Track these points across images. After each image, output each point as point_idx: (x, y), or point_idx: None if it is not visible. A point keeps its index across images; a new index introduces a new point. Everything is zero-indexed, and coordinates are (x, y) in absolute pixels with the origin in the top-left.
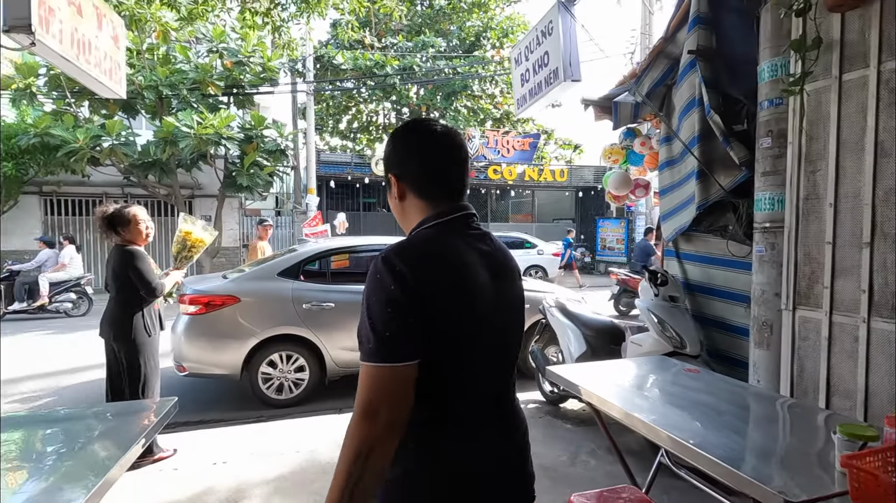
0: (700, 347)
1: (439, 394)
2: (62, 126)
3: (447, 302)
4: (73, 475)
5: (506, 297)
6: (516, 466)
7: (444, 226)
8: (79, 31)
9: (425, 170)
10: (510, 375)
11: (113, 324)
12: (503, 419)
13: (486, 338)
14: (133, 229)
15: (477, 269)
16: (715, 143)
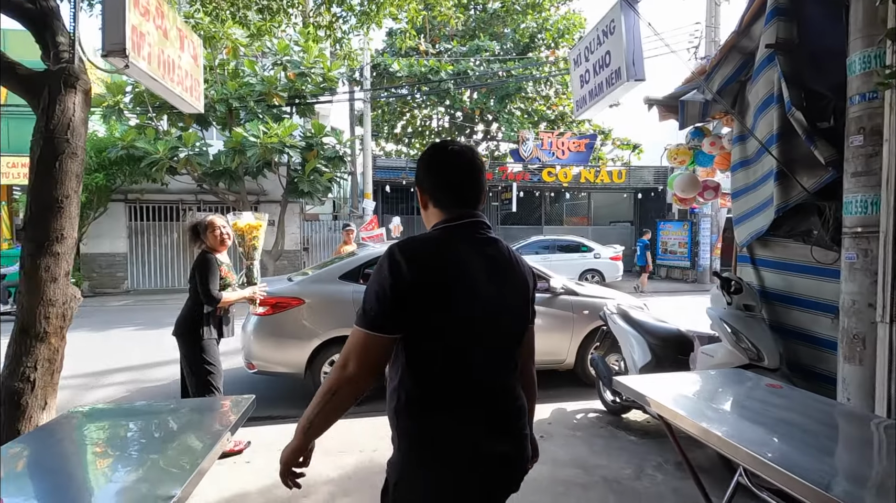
0: (779, 360)
1: (432, 375)
2: (145, 139)
3: (436, 293)
4: (169, 466)
5: (503, 297)
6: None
7: (450, 230)
8: (164, 53)
9: (440, 183)
10: (506, 366)
11: (178, 323)
12: (495, 402)
13: (478, 329)
14: (210, 236)
15: (474, 269)
16: (796, 141)
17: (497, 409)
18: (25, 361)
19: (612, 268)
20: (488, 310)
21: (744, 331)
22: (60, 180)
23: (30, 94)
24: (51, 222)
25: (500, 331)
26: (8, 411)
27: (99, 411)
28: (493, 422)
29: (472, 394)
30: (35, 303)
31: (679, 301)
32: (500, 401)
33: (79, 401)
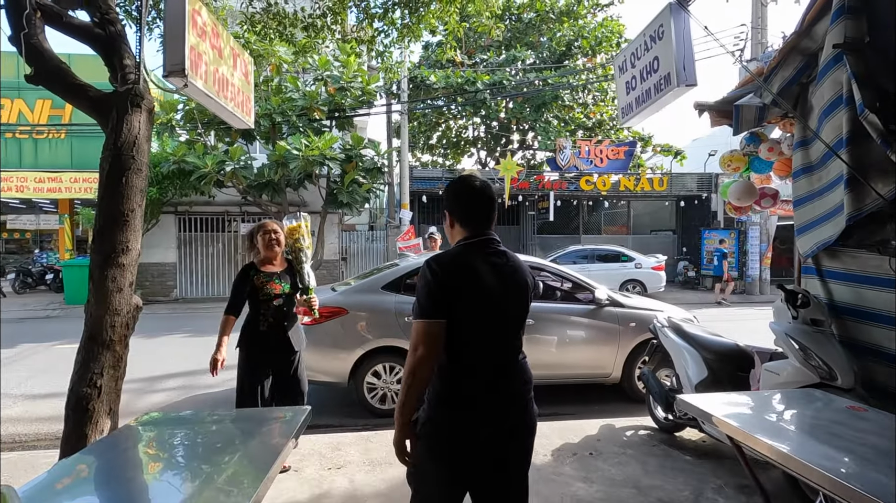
0: (854, 379)
1: (457, 351)
2: (194, 154)
3: (461, 290)
4: (237, 475)
5: (506, 292)
6: (507, 398)
7: (469, 246)
8: (219, 71)
9: (464, 210)
10: (511, 346)
11: None
12: (499, 370)
13: (489, 317)
14: (259, 240)
15: (486, 273)
16: (870, 146)
17: (500, 376)
18: (93, 367)
19: (654, 279)
20: (494, 302)
21: (813, 347)
22: (126, 195)
23: (99, 114)
24: (117, 235)
25: (505, 315)
26: (76, 415)
27: (162, 420)
28: (496, 384)
29: (482, 364)
30: (102, 312)
31: (729, 313)
32: (510, 377)
33: (134, 405)
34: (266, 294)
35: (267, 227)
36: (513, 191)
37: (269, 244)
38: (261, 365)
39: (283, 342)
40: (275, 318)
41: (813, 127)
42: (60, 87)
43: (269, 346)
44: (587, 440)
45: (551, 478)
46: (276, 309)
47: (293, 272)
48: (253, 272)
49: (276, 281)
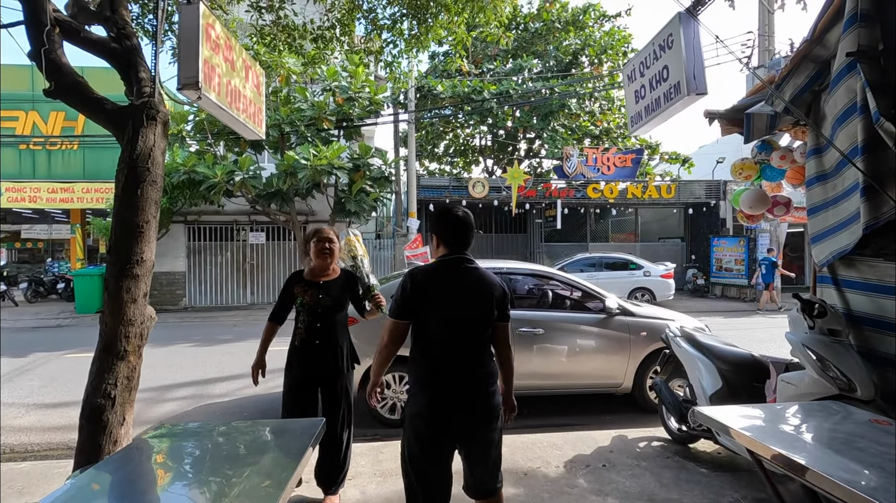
0: (874, 390)
1: (424, 344)
2: (204, 164)
3: (429, 298)
4: (255, 489)
5: (470, 300)
6: (471, 385)
7: (444, 262)
8: (231, 83)
9: (447, 234)
10: (473, 342)
11: None
12: (462, 362)
13: (452, 319)
14: (312, 246)
15: (453, 284)
16: (886, 154)
17: (466, 369)
18: (107, 378)
19: (663, 287)
20: (457, 309)
21: (831, 358)
22: (142, 206)
23: (115, 127)
24: (132, 246)
25: (465, 322)
26: (90, 426)
27: (175, 432)
28: (462, 374)
29: (442, 358)
30: (116, 322)
31: (740, 321)
32: (472, 366)
33: (145, 415)
34: (301, 304)
35: (322, 234)
36: (520, 199)
37: (321, 252)
38: (300, 384)
39: (320, 359)
40: (307, 333)
41: (826, 135)
42: (78, 101)
43: (305, 363)
44: (600, 451)
45: (565, 491)
46: (310, 323)
47: (346, 286)
48: (295, 280)
49: (317, 292)
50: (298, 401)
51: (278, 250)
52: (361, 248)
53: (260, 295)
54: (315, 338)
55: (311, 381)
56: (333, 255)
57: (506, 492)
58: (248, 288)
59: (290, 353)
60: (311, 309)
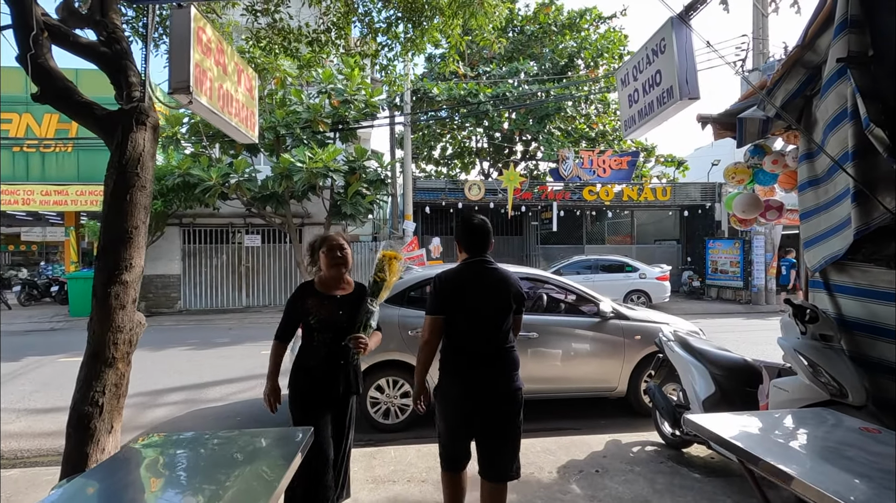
0: (865, 396)
1: (454, 335)
2: (199, 166)
3: (455, 296)
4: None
5: (491, 297)
6: (495, 374)
7: (467, 264)
8: (223, 87)
9: (468, 240)
10: (495, 334)
11: None
12: (487, 355)
13: (476, 314)
14: (321, 255)
15: (475, 284)
16: (876, 159)
17: (490, 359)
18: (95, 386)
19: (658, 289)
20: (480, 303)
21: (822, 363)
22: (130, 212)
23: (104, 132)
24: (121, 252)
25: (490, 313)
26: (77, 434)
27: (163, 441)
28: (487, 363)
29: (474, 353)
30: (105, 329)
31: (735, 324)
32: (495, 357)
33: (137, 420)
34: (317, 321)
35: (332, 242)
36: (516, 201)
37: (334, 262)
38: (313, 409)
39: (342, 380)
40: (327, 352)
41: (818, 140)
42: (66, 106)
43: (325, 386)
44: (593, 456)
45: (557, 497)
46: (331, 340)
47: (359, 300)
48: (308, 293)
49: (334, 307)
50: (319, 429)
51: (274, 253)
52: (394, 273)
53: (255, 298)
54: (339, 358)
55: (327, 405)
56: (347, 263)
57: None
58: (243, 291)
59: (300, 376)
60: (329, 325)
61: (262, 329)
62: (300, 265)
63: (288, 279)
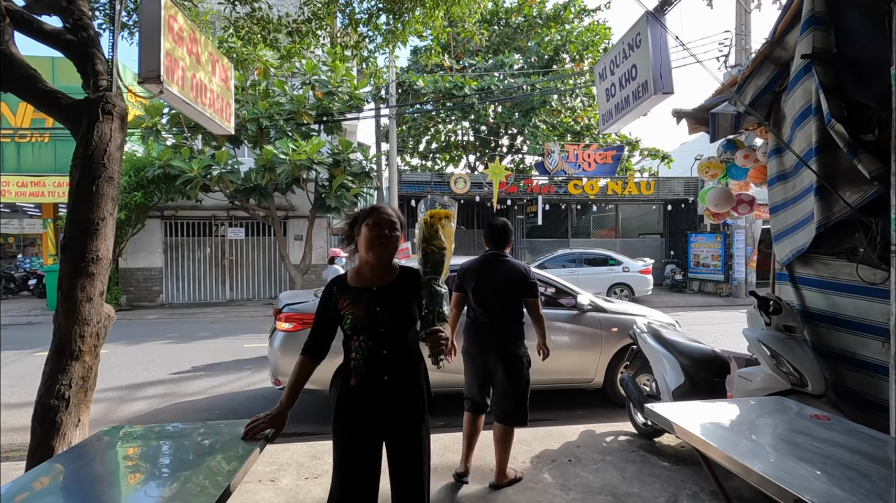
0: (825, 385)
1: (471, 312)
2: (181, 158)
3: (472, 279)
4: (198, 485)
5: (502, 284)
6: (501, 340)
7: (485, 256)
8: (196, 77)
9: (488, 237)
10: (504, 310)
11: None
12: (495, 325)
13: (488, 293)
14: (360, 236)
15: (489, 271)
16: (838, 155)
17: (494, 329)
18: (61, 379)
19: (641, 282)
20: (491, 285)
21: (784, 354)
22: (97, 203)
23: (70, 122)
24: (87, 244)
25: (496, 298)
26: (43, 428)
27: (129, 433)
28: (491, 332)
29: (482, 323)
30: (71, 322)
31: (713, 316)
32: (498, 327)
33: (114, 414)
34: (352, 325)
35: (382, 215)
36: (501, 195)
37: (378, 240)
38: (362, 443)
39: (391, 403)
40: (369, 366)
41: (786, 135)
42: (30, 95)
43: (369, 411)
44: (567, 446)
45: (529, 486)
46: (372, 350)
47: (412, 291)
48: (339, 288)
49: (371, 303)
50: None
51: (258, 246)
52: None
53: (239, 291)
54: (382, 372)
55: (376, 437)
56: (392, 249)
57: (470, 490)
58: (227, 284)
59: (341, 400)
60: (368, 329)
61: (245, 323)
62: (285, 258)
63: (272, 272)
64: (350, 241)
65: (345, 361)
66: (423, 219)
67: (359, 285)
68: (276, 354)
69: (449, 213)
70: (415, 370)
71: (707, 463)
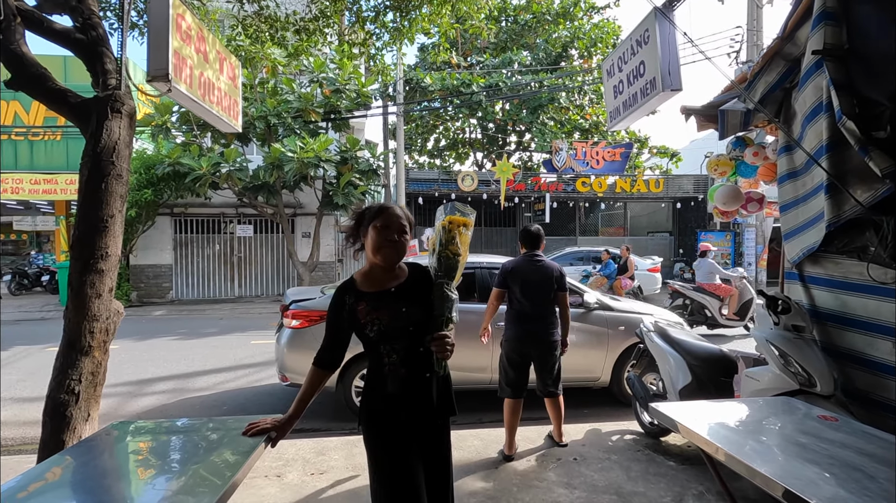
0: (834, 386)
1: (512, 304)
2: (190, 155)
3: (513, 277)
4: (203, 479)
5: (537, 278)
6: (538, 328)
7: (523, 257)
8: (204, 75)
9: (524, 239)
10: (541, 304)
11: None
12: (533, 315)
13: (526, 289)
14: (367, 238)
15: (527, 270)
16: (849, 152)
17: (536, 319)
18: (71, 374)
19: (650, 281)
20: (531, 285)
21: (793, 353)
22: (106, 201)
23: (79, 120)
24: (96, 241)
25: (537, 293)
26: (53, 422)
27: (138, 428)
28: (533, 321)
29: (525, 313)
30: (81, 318)
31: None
32: (539, 317)
33: (123, 409)
34: (378, 331)
35: (391, 217)
36: (509, 192)
37: (388, 244)
38: (403, 446)
39: (430, 401)
40: (408, 366)
41: (796, 132)
42: (40, 93)
43: (407, 412)
44: (573, 445)
45: (534, 484)
46: (406, 352)
47: (424, 285)
48: (353, 296)
49: (394, 306)
50: (411, 473)
51: (266, 243)
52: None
53: (247, 288)
54: (424, 370)
55: (411, 438)
56: (403, 253)
57: (475, 486)
58: (235, 281)
59: (378, 409)
60: (397, 331)
61: (253, 319)
62: (292, 256)
63: (280, 269)
64: (355, 240)
65: (373, 369)
66: (442, 223)
67: (374, 289)
68: (283, 351)
69: (467, 221)
70: (435, 357)
71: (712, 463)
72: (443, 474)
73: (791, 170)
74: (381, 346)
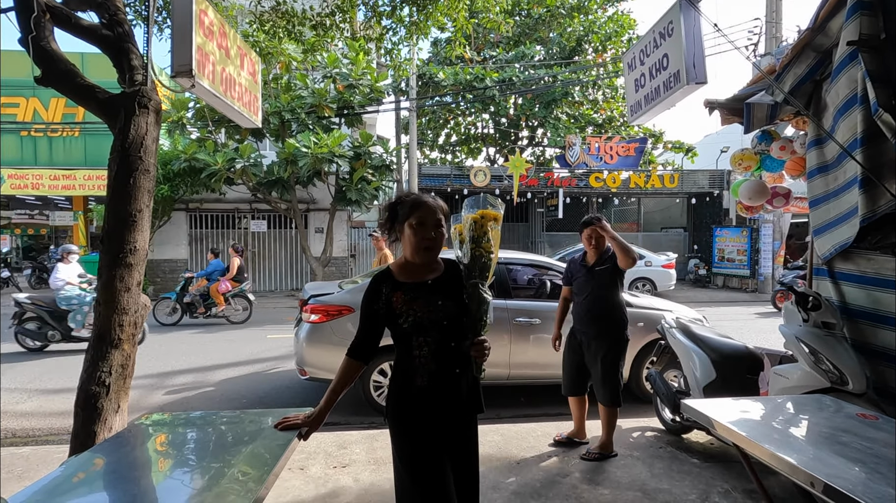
0: (866, 384)
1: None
2: (205, 151)
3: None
4: (242, 473)
5: None
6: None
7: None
8: (226, 71)
9: None
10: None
11: None
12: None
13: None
14: (403, 232)
15: None
16: (885, 146)
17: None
18: (101, 366)
19: (664, 277)
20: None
21: (824, 351)
22: (134, 196)
23: (107, 116)
24: (125, 235)
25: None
26: (85, 413)
27: (167, 420)
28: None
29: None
30: (110, 311)
31: (738, 312)
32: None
33: (144, 402)
34: (413, 322)
35: (426, 214)
36: (521, 188)
37: (425, 243)
38: (431, 442)
39: (462, 396)
40: (438, 361)
41: (828, 126)
42: (69, 89)
43: (440, 407)
44: (593, 441)
45: (556, 481)
46: (439, 345)
47: (457, 281)
48: (390, 286)
49: (431, 297)
50: (440, 468)
51: (280, 238)
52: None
53: (261, 282)
54: (454, 366)
55: (438, 433)
56: (439, 248)
57: (498, 480)
58: (249, 275)
59: (407, 402)
60: (431, 324)
61: (269, 313)
62: (306, 251)
63: (293, 265)
64: (390, 233)
65: (402, 361)
66: (474, 217)
67: (411, 280)
68: (302, 345)
69: (497, 215)
70: (474, 361)
71: (747, 460)
72: (470, 470)
73: (822, 164)
74: (414, 339)
